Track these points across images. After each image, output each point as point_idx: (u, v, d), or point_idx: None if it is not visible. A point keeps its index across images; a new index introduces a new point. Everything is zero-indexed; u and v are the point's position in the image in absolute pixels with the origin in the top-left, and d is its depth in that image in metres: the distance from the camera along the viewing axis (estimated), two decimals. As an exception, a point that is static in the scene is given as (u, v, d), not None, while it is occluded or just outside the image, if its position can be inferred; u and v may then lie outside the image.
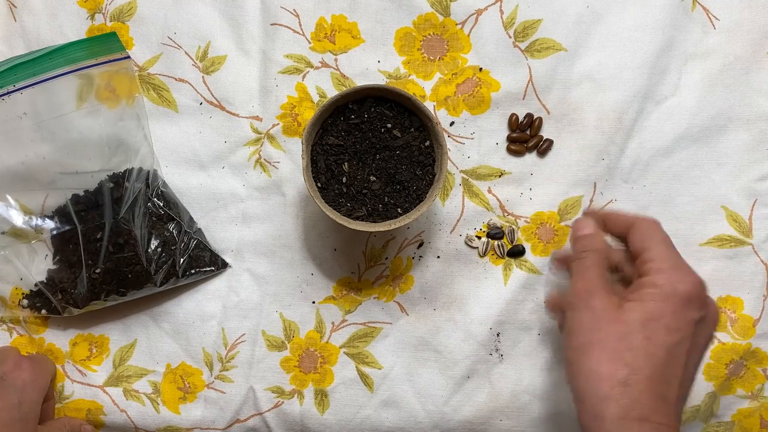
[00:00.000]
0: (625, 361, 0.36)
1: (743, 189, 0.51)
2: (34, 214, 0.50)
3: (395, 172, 0.44)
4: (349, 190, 0.44)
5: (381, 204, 0.44)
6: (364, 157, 0.44)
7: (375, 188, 0.44)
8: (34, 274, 0.50)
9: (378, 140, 0.44)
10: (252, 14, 0.52)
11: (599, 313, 0.38)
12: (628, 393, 0.35)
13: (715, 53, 0.51)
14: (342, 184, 0.44)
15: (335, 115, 0.44)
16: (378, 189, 0.44)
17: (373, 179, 0.44)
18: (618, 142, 0.51)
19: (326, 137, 0.44)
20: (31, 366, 0.47)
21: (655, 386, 0.36)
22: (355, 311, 0.52)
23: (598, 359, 0.37)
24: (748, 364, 0.51)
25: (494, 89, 0.51)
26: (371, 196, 0.44)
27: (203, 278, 0.52)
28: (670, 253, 0.39)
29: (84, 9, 0.53)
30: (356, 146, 0.44)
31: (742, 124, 0.51)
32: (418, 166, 0.45)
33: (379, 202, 0.44)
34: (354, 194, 0.44)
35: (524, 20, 0.51)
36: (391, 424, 0.51)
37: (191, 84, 0.52)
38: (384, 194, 0.44)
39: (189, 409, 0.52)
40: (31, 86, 0.48)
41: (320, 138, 0.44)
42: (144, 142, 0.51)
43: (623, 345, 0.36)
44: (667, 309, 0.37)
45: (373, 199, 0.44)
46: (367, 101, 0.44)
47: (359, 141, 0.44)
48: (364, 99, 0.44)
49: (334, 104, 0.43)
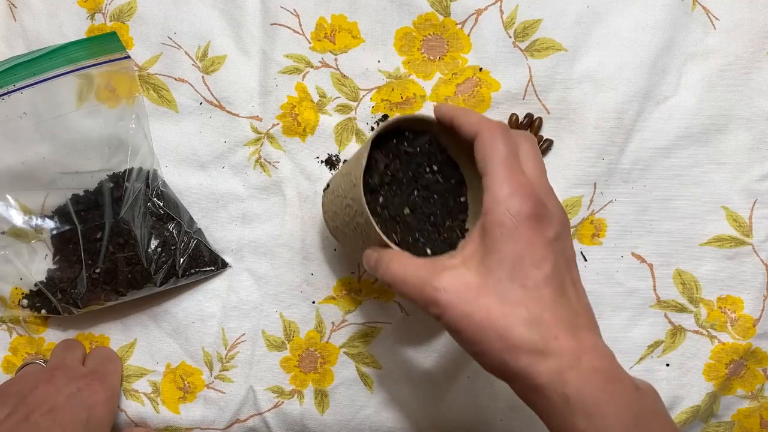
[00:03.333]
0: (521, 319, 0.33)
1: (743, 189, 0.51)
2: (34, 214, 0.50)
3: (430, 214, 0.42)
4: (383, 212, 0.41)
5: (411, 237, 0.41)
6: (403, 188, 0.41)
7: (408, 220, 0.41)
8: (34, 274, 0.50)
9: (420, 177, 0.42)
10: (252, 14, 0.52)
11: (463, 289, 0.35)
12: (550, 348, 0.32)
13: (715, 53, 0.51)
14: (377, 204, 0.41)
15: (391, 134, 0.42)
16: (411, 222, 0.41)
17: (407, 212, 0.41)
18: (618, 142, 0.51)
19: (376, 152, 0.41)
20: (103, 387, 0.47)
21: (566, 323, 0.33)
22: (355, 311, 0.52)
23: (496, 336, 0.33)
24: (748, 364, 0.51)
25: (494, 89, 0.51)
26: (403, 226, 0.41)
27: (203, 278, 0.52)
28: (506, 174, 0.35)
29: (84, 9, 0.53)
30: (398, 174, 0.41)
31: (742, 124, 0.51)
32: (449, 216, 0.43)
33: (409, 234, 0.41)
34: (387, 218, 0.41)
35: (524, 20, 0.51)
36: (391, 424, 0.51)
37: (191, 84, 0.52)
38: (415, 230, 0.41)
39: (189, 409, 0.52)
40: (31, 86, 0.48)
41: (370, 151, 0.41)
42: (144, 142, 0.51)
43: (507, 308, 0.33)
44: (522, 244, 0.34)
45: (405, 230, 0.41)
46: (425, 136, 0.42)
47: (402, 170, 0.41)
48: (424, 132, 0.42)
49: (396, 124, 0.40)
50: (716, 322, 0.51)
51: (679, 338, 0.51)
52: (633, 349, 0.51)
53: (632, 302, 0.51)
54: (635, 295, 0.51)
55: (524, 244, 0.34)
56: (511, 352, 0.33)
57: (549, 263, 0.34)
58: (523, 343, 0.32)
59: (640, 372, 0.50)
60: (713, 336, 0.51)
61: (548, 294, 0.33)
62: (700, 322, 0.51)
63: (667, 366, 0.51)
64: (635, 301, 0.51)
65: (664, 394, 0.50)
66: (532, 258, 0.34)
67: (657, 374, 0.50)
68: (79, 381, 0.46)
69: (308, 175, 0.52)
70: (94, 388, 0.46)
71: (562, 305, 0.33)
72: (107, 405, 0.46)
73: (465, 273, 0.35)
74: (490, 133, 0.36)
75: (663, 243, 0.51)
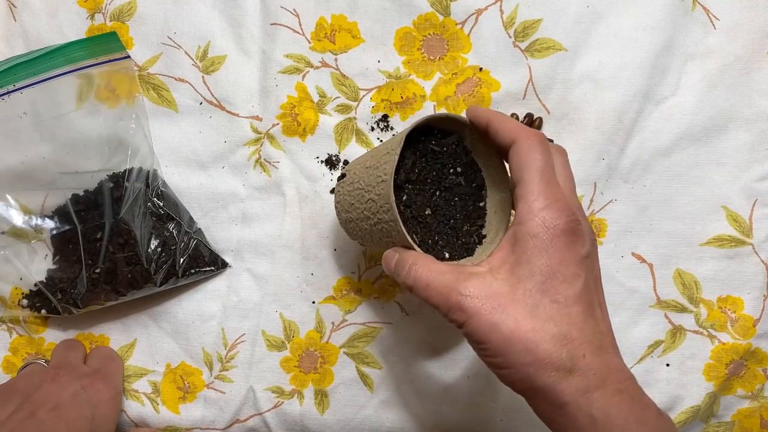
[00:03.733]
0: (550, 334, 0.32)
1: (743, 189, 0.51)
2: (34, 214, 0.50)
3: (451, 217, 0.41)
4: (405, 210, 0.40)
5: (431, 240, 0.40)
6: (426, 188, 0.41)
7: (429, 221, 0.40)
8: (34, 273, 0.50)
9: (444, 178, 0.41)
10: (252, 14, 0.52)
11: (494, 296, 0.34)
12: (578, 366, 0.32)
13: (715, 53, 0.51)
14: (401, 202, 0.40)
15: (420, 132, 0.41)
16: (432, 224, 0.41)
17: (429, 213, 0.41)
18: (618, 142, 0.51)
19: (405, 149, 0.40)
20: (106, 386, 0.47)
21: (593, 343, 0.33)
22: (355, 311, 0.52)
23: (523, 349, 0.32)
24: (748, 364, 0.50)
25: (494, 89, 0.51)
26: (424, 227, 0.40)
27: (203, 278, 0.52)
28: (543, 186, 0.34)
29: (84, 9, 0.53)
30: (423, 173, 0.40)
31: (742, 124, 0.51)
32: (468, 221, 0.42)
33: (429, 237, 0.40)
34: (409, 218, 0.40)
35: (524, 20, 0.51)
36: (391, 424, 0.51)
37: (191, 84, 0.52)
38: (435, 232, 0.41)
39: (189, 409, 0.52)
40: (31, 86, 0.48)
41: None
42: (144, 142, 0.51)
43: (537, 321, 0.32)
44: (556, 259, 0.33)
45: (425, 230, 0.40)
46: (454, 136, 0.41)
47: (427, 169, 0.41)
48: (452, 132, 0.41)
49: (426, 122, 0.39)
50: (716, 322, 0.50)
51: (679, 338, 0.51)
52: (633, 349, 0.51)
53: (632, 302, 0.51)
54: (635, 295, 0.51)
55: (558, 258, 0.33)
56: (538, 367, 0.32)
57: (581, 280, 0.33)
58: (552, 359, 0.32)
59: (641, 372, 0.50)
60: (713, 336, 0.50)
61: (578, 311, 0.33)
62: (700, 322, 0.51)
63: (667, 366, 0.51)
64: (635, 301, 0.51)
65: (664, 394, 0.50)
66: (565, 274, 0.33)
67: (657, 374, 0.50)
68: (82, 380, 0.46)
69: (308, 175, 0.52)
70: (98, 387, 0.46)
71: (590, 324, 0.33)
72: (111, 403, 0.46)
73: (493, 282, 0.34)
74: (529, 142, 0.36)
75: (663, 243, 0.51)
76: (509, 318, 0.33)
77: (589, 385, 0.32)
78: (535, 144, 0.35)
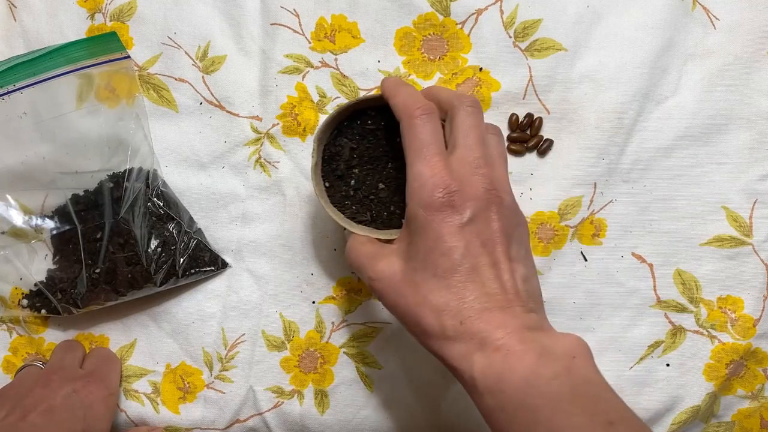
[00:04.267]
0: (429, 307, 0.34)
1: (743, 189, 0.51)
2: (34, 214, 0.50)
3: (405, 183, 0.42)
4: (356, 193, 0.43)
5: (386, 212, 0.43)
6: (376, 164, 0.43)
7: (382, 195, 0.43)
8: (34, 274, 0.50)
9: (391, 149, 0.43)
10: (252, 14, 0.52)
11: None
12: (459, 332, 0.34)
13: (715, 53, 0.51)
14: (350, 187, 0.43)
15: (352, 118, 0.44)
16: (385, 197, 0.43)
17: (382, 186, 0.43)
18: (618, 142, 0.51)
19: (339, 138, 0.43)
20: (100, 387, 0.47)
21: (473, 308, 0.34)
22: (355, 311, 0.52)
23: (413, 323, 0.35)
24: (749, 364, 0.50)
25: (494, 89, 0.51)
26: (377, 202, 0.43)
27: (203, 278, 0.52)
28: (420, 165, 0.35)
29: (84, 9, 0.53)
30: (369, 152, 0.43)
31: (742, 124, 0.51)
32: None
33: (384, 209, 0.43)
34: (360, 198, 0.43)
35: (524, 20, 0.51)
36: (391, 424, 0.51)
37: (191, 84, 0.52)
38: (391, 203, 0.43)
39: (189, 409, 0.52)
40: (31, 86, 0.48)
41: (333, 138, 0.44)
42: (144, 142, 0.51)
43: (419, 296, 0.34)
44: (432, 236, 0.34)
45: (379, 205, 0.43)
46: (387, 109, 0.43)
47: (373, 147, 0.43)
48: (385, 106, 0.43)
49: (353, 107, 0.43)
50: (716, 322, 0.50)
51: (679, 338, 0.51)
52: (633, 349, 0.51)
53: (632, 302, 0.51)
54: (635, 295, 0.51)
55: (434, 235, 0.35)
56: (427, 338, 0.35)
57: (458, 251, 0.34)
58: (434, 330, 0.34)
59: (641, 372, 0.50)
60: (713, 336, 0.50)
61: (457, 280, 0.34)
62: (701, 322, 0.51)
63: (667, 366, 0.51)
64: (635, 301, 0.51)
65: (664, 394, 0.50)
66: (441, 248, 0.34)
67: (657, 374, 0.50)
68: (75, 383, 0.46)
69: (308, 175, 0.52)
70: (91, 389, 0.46)
71: (472, 290, 0.34)
72: (105, 403, 0.46)
73: (395, 261, 0.36)
74: (409, 121, 0.37)
75: (663, 243, 0.51)
76: (401, 297, 0.36)
77: (470, 349, 0.34)
78: (413, 122, 0.37)
